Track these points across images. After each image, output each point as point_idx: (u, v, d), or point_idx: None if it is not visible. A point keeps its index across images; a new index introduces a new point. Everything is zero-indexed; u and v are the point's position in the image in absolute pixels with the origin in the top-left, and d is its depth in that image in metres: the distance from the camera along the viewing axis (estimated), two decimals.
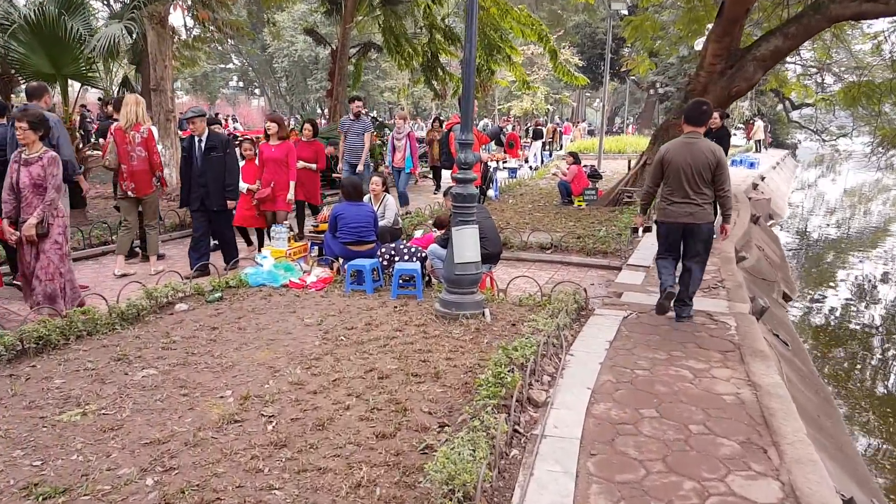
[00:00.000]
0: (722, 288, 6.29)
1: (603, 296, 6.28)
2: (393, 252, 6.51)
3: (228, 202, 6.92)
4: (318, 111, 46.84)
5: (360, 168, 9.91)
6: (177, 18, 52.12)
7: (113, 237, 7.95)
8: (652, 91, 46.13)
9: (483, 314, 5.10)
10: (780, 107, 39.67)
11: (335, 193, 11.43)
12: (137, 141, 6.79)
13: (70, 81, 9.38)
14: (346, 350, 4.43)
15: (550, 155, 24.85)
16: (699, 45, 21.24)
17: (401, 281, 6.00)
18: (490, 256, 6.09)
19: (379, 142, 14.05)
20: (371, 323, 5.02)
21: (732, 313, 5.42)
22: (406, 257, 6.45)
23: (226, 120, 33.44)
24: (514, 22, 16.23)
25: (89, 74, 9.07)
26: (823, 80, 27.83)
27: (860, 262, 13.52)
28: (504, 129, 22.83)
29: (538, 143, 22.17)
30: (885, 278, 12.22)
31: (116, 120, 7.48)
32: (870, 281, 12.01)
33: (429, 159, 14.80)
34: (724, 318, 5.29)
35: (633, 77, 47.29)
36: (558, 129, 33.23)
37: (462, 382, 3.83)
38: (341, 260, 6.84)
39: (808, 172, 39.26)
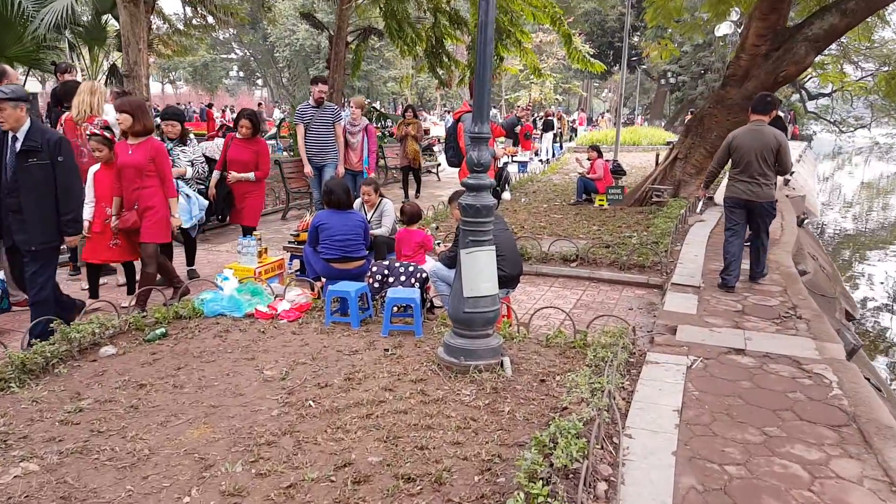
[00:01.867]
0: (797, 318, 5.01)
1: (651, 329, 5.03)
2: (386, 272, 5.26)
3: (66, 238, 4.57)
4: None
5: (339, 170, 8.09)
6: (172, 5, 50.67)
7: None
8: (663, 81, 44.66)
9: (501, 365, 3.85)
10: (794, 96, 38.23)
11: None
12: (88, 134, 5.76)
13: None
14: (314, 425, 3.19)
15: (561, 147, 23.51)
16: (721, 30, 19.82)
17: (395, 309, 4.76)
18: (508, 280, 4.85)
19: (380, 133, 12.90)
20: (353, 376, 3.78)
21: (825, 360, 4.15)
22: (402, 278, 5.21)
23: (223, 111, 32.10)
24: (525, 4, 14.91)
25: (37, 56, 7.81)
26: (842, 67, 26.38)
27: None
28: (522, 120, 21.50)
29: (549, 135, 20.85)
30: None
31: (67, 109, 6.30)
32: None
33: (400, 159, 11.89)
34: (817, 367, 4.02)
35: (643, 66, 45.85)
36: (565, 117, 31.85)
37: (477, 496, 2.58)
38: (323, 281, 5.60)
39: (823, 165, 37.79)
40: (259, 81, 65.42)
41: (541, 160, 19.96)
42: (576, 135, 30.12)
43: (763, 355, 4.20)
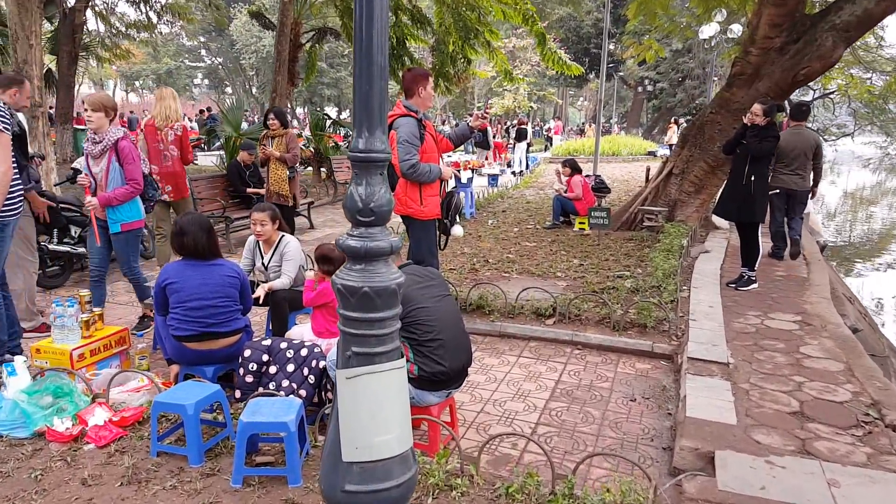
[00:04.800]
0: (882, 424, 3.30)
1: (667, 445, 3.27)
2: (265, 358, 3.46)
3: None
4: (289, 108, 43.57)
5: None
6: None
7: None
8: (640, 88, 43.47)
9: None
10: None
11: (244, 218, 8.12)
12: (171, 139, 6.18)
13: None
14: None
15: (536, 159, 21.87)
16: (706, 32, 18.41)
17: (260, 435, 2.94)
18: (450, 377, 3.09)
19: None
20: None
21: None
22: (290, 367, 3.41)
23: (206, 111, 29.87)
24: (494, 0, 13.32)
25: None
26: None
27: None
28: (523, 128, 19.64)
29: (522, 145, 19.18)
30: None
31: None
32: None
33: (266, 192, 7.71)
34: None
35: (620, 73, 44.61)
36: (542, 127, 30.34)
37: None
38: (175, 369, 3.77)
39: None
40: (228, 89, 63.18)
41: (513, 172, 18.27)
42: (551, 144, 28.55)
43: None
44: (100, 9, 19.54)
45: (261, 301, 4.18)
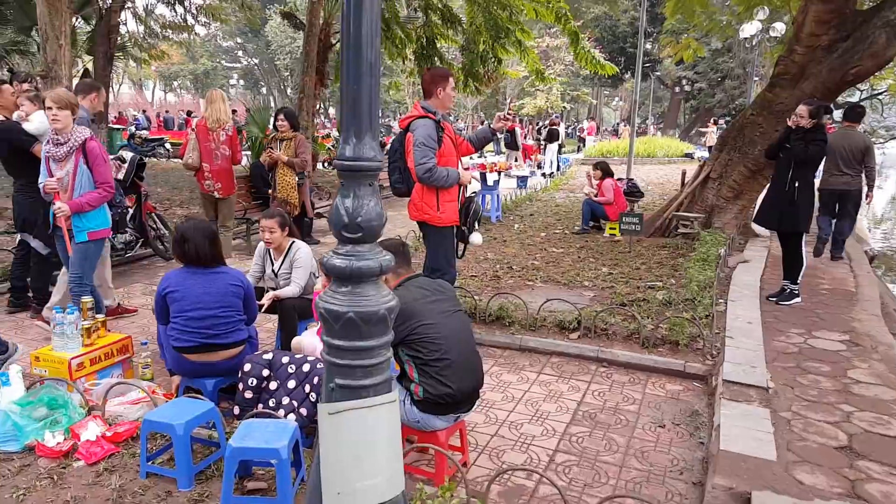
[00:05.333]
0: None
1: (697, 479, 2.97)
2: (267, 373, 3.26)
3: None
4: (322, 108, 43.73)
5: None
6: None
7: None
8: (677, 88, 42.53)
9: None
10: None
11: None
12: (222, 139, 6.41)
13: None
14: None
15: (568, 160, 21.45)
16: (747, 30, 17.85)
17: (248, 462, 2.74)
18: (459, 400, 2.84)
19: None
20: None
21: None
22: (291, 384, 3.21)
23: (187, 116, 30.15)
24: None
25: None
26: None
27: None
28: (555, 128, 19.19)
29: (554, 146, 18.79)
30: None
31: None
32: None
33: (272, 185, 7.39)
34: None
35: (657, 73, 43.75)
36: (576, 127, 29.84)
37: None
38: (176, 380, 3.60)
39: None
40: (263, 90, 63.87)
41: (543, 174, 17.91)
42: (584, 145, 28.05)
43: None
44: (137, 10, 19.78)
45: (263, 309, 3.99)
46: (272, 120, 7.92)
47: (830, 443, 3.15)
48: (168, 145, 21.65)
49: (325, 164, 17.98)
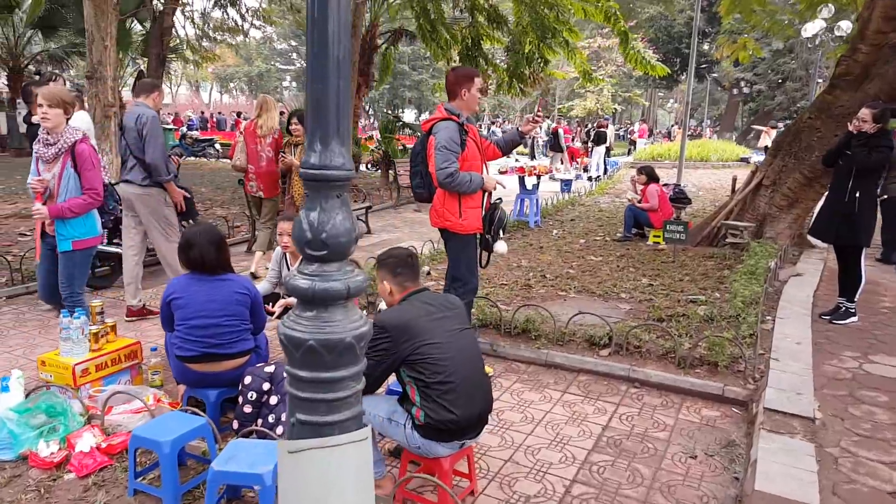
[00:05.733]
0: None
1: None
2: (268, 387, 3.11)
3: None
4: (366, 109, 44.10)
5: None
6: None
7: None
8: (735, 90, 41.13)
9: None
10: None
11: None
12: (268, 142, 6.50)
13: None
14: None
15: (616, 163, 20.89)
16: (809, 29, 17.04)
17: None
18: (463, 426, 2.62)
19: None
20: None
21: None
22: None
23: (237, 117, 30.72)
24: None
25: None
26: None
27: None
28: (602, 130, 18.72)
29: (601, 149, 18.31)
30: None
31: None
32: None
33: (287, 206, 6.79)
34: None
35: (714, 74, 42.41)
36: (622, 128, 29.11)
37: None
38: (182, 389, 3.49)
39: None
40: None
41: (590, 177, 17.46)
42: (635, 148, 27.35)
43: None
44: (190, 12, 20.21)
45: (275, 317, 3.86)
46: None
47: (884, 487, 2.80)
48: (218, 146, 22.07)
49: (369, 166, 17.99)
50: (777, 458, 3.00)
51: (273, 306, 4.12)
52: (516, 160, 15.33)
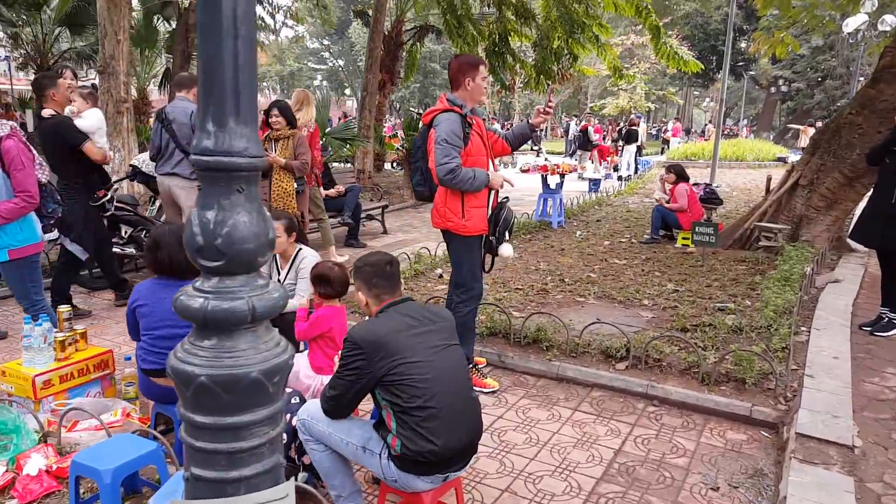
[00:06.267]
0: None
1: None
2: None
3: None
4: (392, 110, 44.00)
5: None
6: None
7: None
8: (773, 89, 39.91)
9: None
10: None
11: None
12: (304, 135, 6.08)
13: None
14: None
15: (648, 162, 20.31)
16: (851, 24, 16.29)
17: None
18: (449, 457, 2.32)
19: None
20: None
21: None
22: None
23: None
24: None
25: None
26: None
27: None
28: (633, 129, 18.11)
29: (632, 148, 17.79)
30: None
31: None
32: None
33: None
34: None
35: (751, 72, 41.23)
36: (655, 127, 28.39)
37: None
38: (151, 403, 3.26)
39: None
40: (347, 91, 65.12)
41: (619, 177, 16.97)
42: (668, 147, 26.63)
43: None
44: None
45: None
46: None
47: None
48: None
49: (394, 165, 17.78)
50: (810, 494, 2.64)
51: None
52: (546, 159, 14.96)
